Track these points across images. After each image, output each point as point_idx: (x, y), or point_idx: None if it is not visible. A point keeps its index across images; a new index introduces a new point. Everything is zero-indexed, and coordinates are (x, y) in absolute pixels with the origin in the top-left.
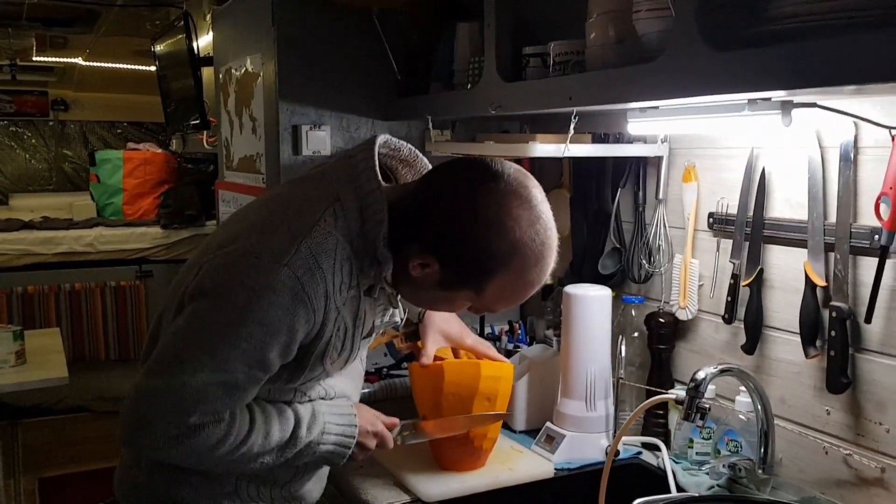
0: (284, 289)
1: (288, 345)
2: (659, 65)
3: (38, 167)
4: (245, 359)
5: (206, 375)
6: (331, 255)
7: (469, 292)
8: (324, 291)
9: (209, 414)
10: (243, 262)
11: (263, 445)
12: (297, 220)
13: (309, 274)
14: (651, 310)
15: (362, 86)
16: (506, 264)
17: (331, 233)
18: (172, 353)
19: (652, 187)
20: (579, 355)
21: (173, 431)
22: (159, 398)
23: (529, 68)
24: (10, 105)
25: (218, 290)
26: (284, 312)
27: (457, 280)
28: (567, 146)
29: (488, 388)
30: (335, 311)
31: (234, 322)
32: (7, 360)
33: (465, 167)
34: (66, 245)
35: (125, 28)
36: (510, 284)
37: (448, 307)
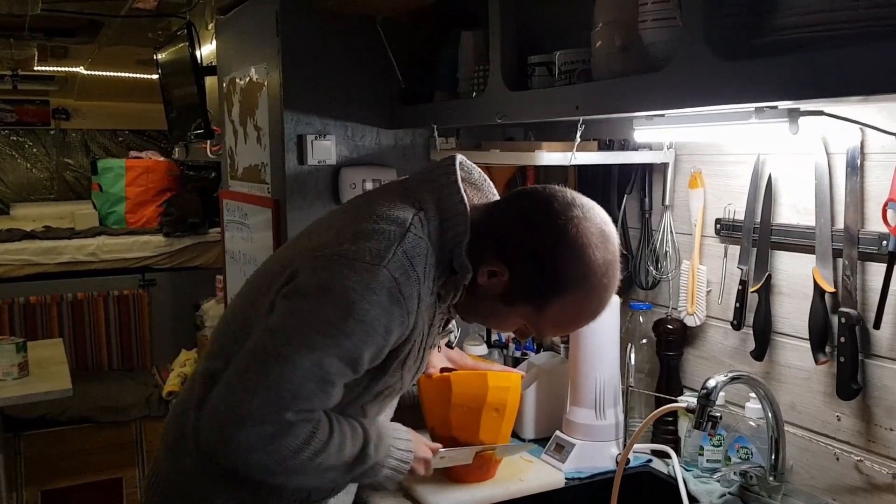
0: (383, 289)
1: (381, 347)
2: (666, 74)
3: (39, 176)
4: (341, 355)
5: (305, 370)
6: (423, 259)
7: (528, 309)
8: (417, 294)
9: (303, 412)
10: (343, 263)
11: (338, 457)
12: (390, 225)
13: (405, 276)
14: (659, 316)
15: (367, 94)
16: (575, 287)
17: (422, 238)
18: (270, 349)
19: (658, 193)
20: (588, 363)
21: (269, 429)
22: (257, 394)
23: (535, 77)
24: (11, 114)
25: (319, 289)
26: (382, 312)
27: (521, 294)
28: (574, 154)
29: (496, 398)
30: (422, 318)
31: (335, 319)
32: (10, 372)
33: (551, 193)
34: (68, 254)
35: (127, 38)
36: (571, 309)
37: (501, 322)
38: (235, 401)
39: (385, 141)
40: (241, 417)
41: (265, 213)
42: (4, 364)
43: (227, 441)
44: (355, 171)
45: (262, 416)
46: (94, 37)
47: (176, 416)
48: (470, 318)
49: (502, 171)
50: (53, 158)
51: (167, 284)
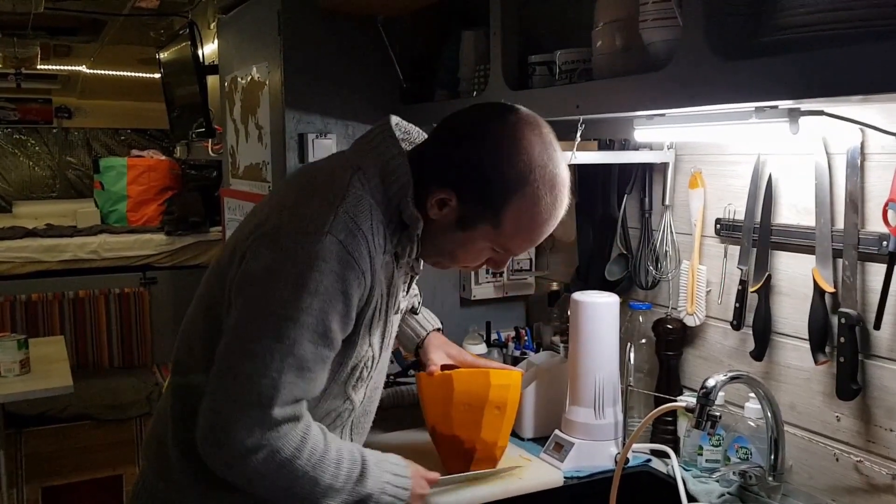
0: (331, 255)
1: (346, 313)
2: (667, 73)
3: (41, 174)
4: (309, 335)
5: (278, 361)
6: (367, 216)
7: (487, 227)
8: (367, 252)
9: (288, 405)
10: (285, 238)
11: (334, 477)
12: (328, 190)
13: (351, 236)
14: (658, 316)
15: (368, 94)
16: (520, 188)
17: (363, 196)
18: (239, 348)
19: (658, 193)
20: (587, 362)
21: (257, 432)
22: (237, 397)
23: (535, 76)
24: (14, 113)
25: (267, 272)
26: (336, 278)
27: (474, 213)
28: (574, 154)
29: (498, 396)
30: (379, 276)
31: (291, 298)
32: (11, 369)
33: (477, 108)
34: (70, 252)
35: (129, 37)
36: (527, 213)
37: (467, 254)
38: (218, 408)
39: None
40: (229, 424)
41: None
42: (6, 361)
43: (223, 454)
44: None
45: (249, 417)
46: (96, 35)
47: (155, 429)
48: (437, 260)
49: None
50: (56, 157)
51: (168, 283)
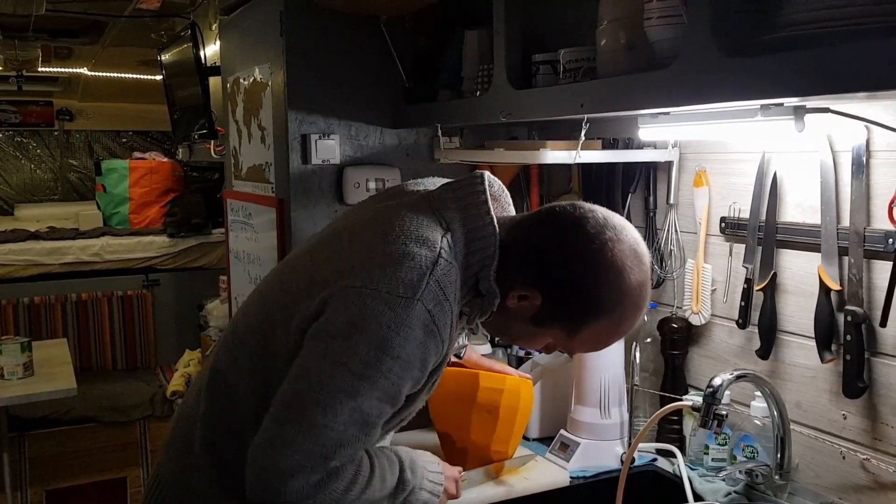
0: (418, 323)
1: (419, 379)
2: (672, 71)
3: (43, 177)
4: (381, 395)
5: (346, 417)
6: (454, 286)
7: (560, 332)
8: (450, 323)
9: (347, 456)
10: (375, 298)
11: (382, 489)
12: (420, 251)
13: (439, 307)
14: (664, 315)
15: (371, 94)
16: (610, 311)
17: (452, 264)
18: (307, 397)
19: (663, 192)
20: (593, 362)
21: (314, 479)
22: (300, 446)
23: (539, 75)
24: (15, 115)
25: (351, 327)
26: (418, 346)
27: (554, 318)
28: (578, 153)
29: (488, 399)
30: (451, 344)
31: (373, 361)
32: (15, 372)
33: (582, 215)
34: (72, 255)
35: (131, 38)
36: (605, 331)
37: (529, 342)
38: (277, 456)
39: (389, 140)
40: (287, 471)
41: (269, 213)
42: (9, 364)
43: (276, 496)
44: (359, 171)
45: (307, 467)
46: (97, 37)
47: (182, 429)
48: (497, 335)
49: (506, 169)
50: (57, 159)
51: (171, 285)
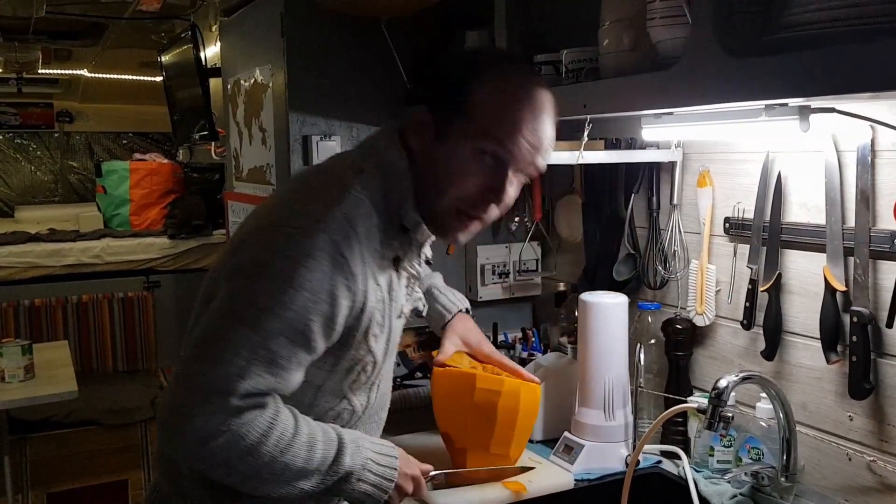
0: (323, 254)
1: (330, 318)
2: (676, 72)
3: (43, 179)
4: (287, 331)
5: (250, 351)
6: (364, 220)
7: (462, 124)
8: (360, 256)
9: (251, 396)
10: (280, 233)
11: (307, 461)
12: (328, 189)
13: (346, 239)
14: (668, 316)
15: (372, 95)
16: (481, 70)
17: (362, 199)
18: (213, 334)
19: (666, 192)
20: (596, 364)
21: (217, 419)
22: (195, 382)
23: (541, 76)
24: (16, 117)
25: (256, 264)
26: (324, 277)
27: (443, 116)
28: (581, 153)
29: (484, 400)
30: (374, 283)
31: (275, 291)
32: (16, 374)
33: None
34: (73, 257)
35: (131, 40)
36: (495, 91)
37: (459, 169)
38: (180, 392)
39: None
40: (187, 409)
41: None
42: (10, 366)
43: (178, 437)
44: None
45: (209, 405)
46: (97, 39)
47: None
48: (435, 191)
49: None
50: (57, 161)
51: (171, 286)
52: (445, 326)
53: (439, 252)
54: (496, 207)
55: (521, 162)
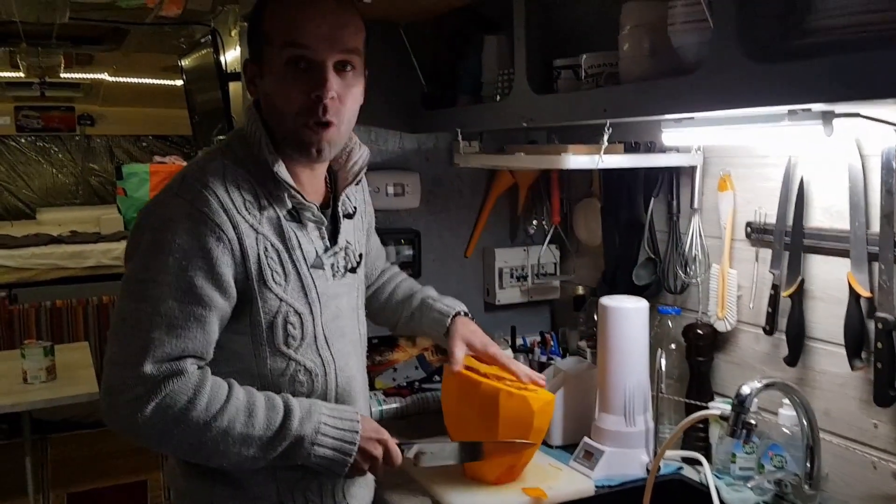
0: (179, 214)
1: (210, 269)
2: (698, 77)
3: (64, 181)
4: (172, 293)
5: (146, 321)
6: (216, 174)
7: (267, 52)
8: (219, 205)
9: (163, 362)
10: (145, 212)
11: (247, 426)
12: (187, 169)
13: (197, 194)
14: (688, 321)
15: (390, 99)
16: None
17: (215, 159)
18: (117, 316)
19: (686, 196)
20: (617, 369)
21: (138, 391)
22: (114, 362)
23: (561, 80)
24: (38, 121)
25: (131, 246)
26: (189, 235)
27: (257, 54)
28: (601, 157)
29: (486, 404)
30: (251, 230)
31: (150, 261)
32: (38, 376)
33: None
34: (94, 259)
35: (151, 45)
36: (275, 6)
37: (282, 87)
38: (105, 373)
39: (408, 145)
40: (112, 388)
41: None
42: (32, 368)
43: (112, 414)
44: (379, 176)
45: (124, 379)
46: (119, 44)
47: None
48: (276, 121)
49: (526, 174)
50: (79, 164)
51: None
52: (448, 332)
53: (456, 256)
54: (330, 103)
55: (324, 49)
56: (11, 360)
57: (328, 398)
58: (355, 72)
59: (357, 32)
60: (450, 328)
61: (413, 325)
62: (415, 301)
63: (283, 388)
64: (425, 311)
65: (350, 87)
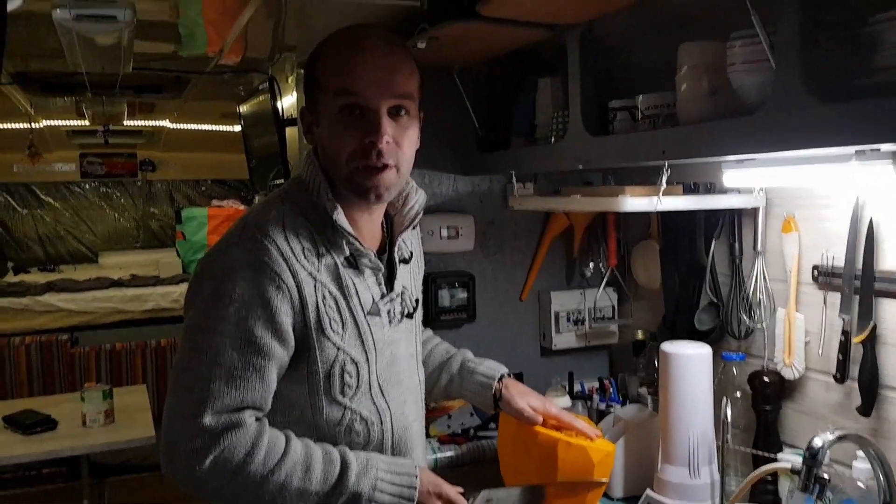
0: (240, 264)
1: (270, 318)
2: (760, 117)
3: (126, 226)
4: (231, 342)
5: (205, 371)
6: (276, 222)
7: (322, 99)
8: (279, 254)
9: (222, 413)
10: (205, 262)
11: (304, 481)
12: (243, 217)
13: (257, 243)
14: (754, 368)
15: (444, 142)
16: (319, 47)
17: (274, 207)
18: (177, 366)
19: (749, 238)
20: (680, 418)
21: (197, 444)
22: (174, 413)
23: (616, 122)
24: (101, 167)
25: (191, 296)
26: (248, 284)
27: (313, 102)
28: (659, 199)
29: (544, 456)
30: (310, 278)
31: (209, 311)
32: (96, 419)
33: None
34: (153, 302)
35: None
36: (327, 55)
37: (337, 133)
38: (165, 425)
39: (462, 188)
40: (172, 441)
41: None
42: (91, 411)
43: (171, 466)
44: (432, 219)
45: (185, 432)
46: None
47: None
48: (332, 167)
49: (582, 217)
50: (140, 208)
51: None
52: (503, 396)
53: (512, 299)
54: (385, 147)
55: (377, 96)
56: (72, 402)
57: (384, 448)
58: (409, 116)
59: (410, 77)
60: (502, 392)
61: (452, 390)
62: (453, 365)
63: (339, 439)
64: (466, 376)
65: (405, 131)
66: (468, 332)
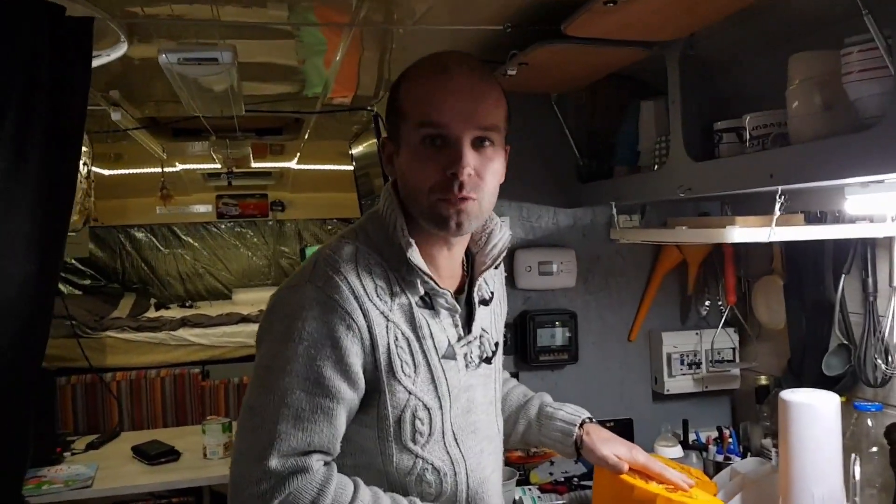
0: (312, 302)
1: (339, 359)
2: (879, 132)
3: (258, 263)
4: (300, 383)
5: (273, 412)
6: (349, 259)
7: (404, 128)
8: (351, 293)
9: (289, 457)
10: (276, 298)
11: None
12: (320, 252)
13: (330, 281)
14: (892, 419)
15: (542, 174)
16: (403, 76)
17: (348, 242)
18: (245, 406)
19: (884, 273)
20: (802, 475)
21: (262, 487)
22: (240, 455)
23: (722, 144)
24: (235, 208)
25: (261, 331)
26: (320, 323)
27: (394, 132)
28: (773, 229)
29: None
30: (381, 318)
31: (279, 350)
32: (216, 451)
33: None
34: None
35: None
36: (410, 83)
37: (417, 164)
38: (232, 466)
39: (563, 221)
40: (239, 482)
41: None
42: (211, 443)
43: None
44: (531, 253)
45: (250, 473)
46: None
47: None
48: (412, 198)
49: (696, 250)
50: (271, 247)
51: None
52: (584, 443)
53: (619, 339)
54: (467, 179)
55: (460, 127)
56: (196, 434)
57: (458, 500)
58: (494, 147)
59: (496, 108)
60: (583, 439)
61: (531, 438)
62: (531, 410)
63: (409, 489)
64: (545, 422)
65: (488, 163)
66: (571, 374)
